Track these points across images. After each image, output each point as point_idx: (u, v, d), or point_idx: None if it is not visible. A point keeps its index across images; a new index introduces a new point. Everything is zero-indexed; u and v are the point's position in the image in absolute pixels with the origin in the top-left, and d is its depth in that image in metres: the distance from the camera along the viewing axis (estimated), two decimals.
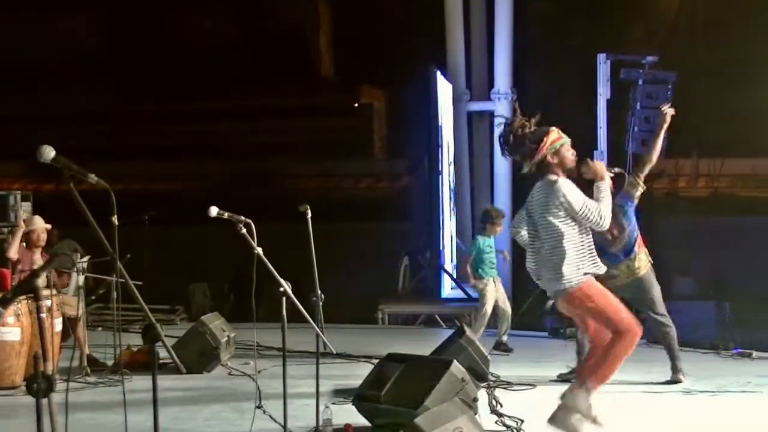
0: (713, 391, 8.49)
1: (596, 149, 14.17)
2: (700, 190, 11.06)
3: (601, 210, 6.28)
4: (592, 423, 6.30)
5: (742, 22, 37.93)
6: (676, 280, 19.94)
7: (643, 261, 8.72)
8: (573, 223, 6.27)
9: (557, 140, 6.44)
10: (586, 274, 6.27)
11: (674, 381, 8.75)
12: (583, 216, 6.23)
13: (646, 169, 8.81)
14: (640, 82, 13.50)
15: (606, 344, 6.35)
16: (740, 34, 38.63)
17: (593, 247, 6.40)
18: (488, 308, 10.94)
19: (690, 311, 12.17)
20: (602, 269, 6.39)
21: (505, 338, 10.97)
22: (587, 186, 6.56)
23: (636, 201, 8.77)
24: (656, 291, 8.83)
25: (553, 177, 6.35)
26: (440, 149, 16.16)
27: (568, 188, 6.28)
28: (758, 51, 36.97)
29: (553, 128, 6.53)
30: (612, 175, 6.72)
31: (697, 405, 8.11)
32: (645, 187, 8.82)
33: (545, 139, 6.41)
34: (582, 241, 6.31)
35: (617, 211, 8.49)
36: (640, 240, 8.75)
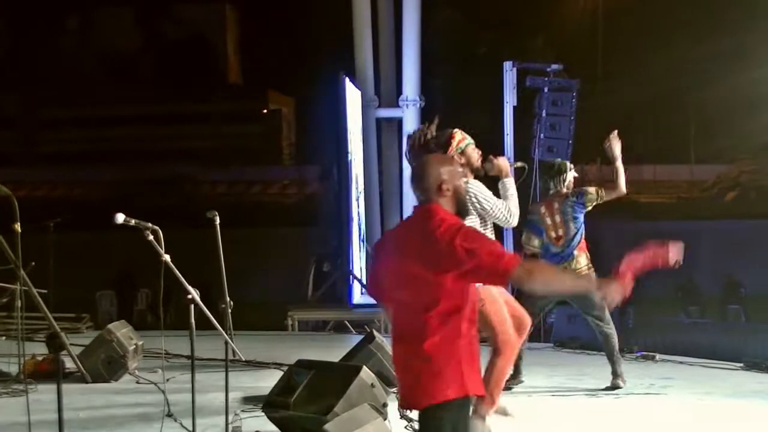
0: (617, 394, 8.63)
1: (503, 156, 14.32)
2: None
3: (509, 207, 6.34)
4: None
5: (642, 32, 38.68)
6: None
7: (582, 264, 8.78)
8: (479, 222, 6.32)
9: (462, 141, 6.52)
10: None
11: (614, 387, 8.71)
12: (492, 214, 6.29)
13: (613, 195, 8.90)
14: (546, 89, 13.70)
15: (488, 366, 6.33)
16: (640, 44, 39.38)
17: None
18: None
19: None
20: None
21: None
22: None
23: (587, 209, 8.85)
24: (596, 295, 8.84)
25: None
26: (349, 155, 16.19)
27: (477, 188, 6.34)
28: (658, 61, 37.72)
29: (456, 130, 6.59)
30: (517, 166, 6.81)
31: (602, 407, 8.24)
32: (600, 202, 8.90)
33: (451, 141, 6.47)
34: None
35: (568, 213, 8.71)
36: (582, 244, 8.84)
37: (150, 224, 6.20)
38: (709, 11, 35.19)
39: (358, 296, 16.45)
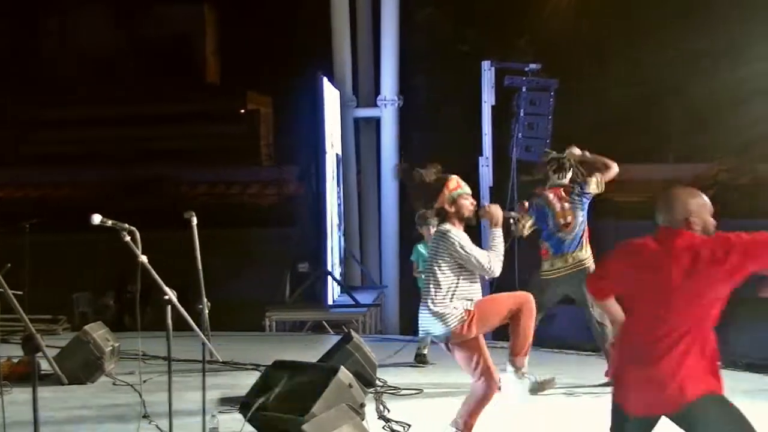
0: (597, 393, 8.64)
1: (481, 155, 14.34)
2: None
3: (491, 257, 6.34)
4: None
5: (621, 32, 38.81)
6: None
7: (587, 253, 8.87)
8: (460, 270, 6.34)
9: (455, 189, 6.50)
10: (464, 309, 6.34)
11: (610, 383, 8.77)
12: (470, 262, 6.30)
13: (609, 175, 8.98)
14: (524, 89, 13.72)
15: (512, 330, 6.73)
16: (619, 44, 39.53)
17: (476, 293, 6.48)
18: None
19: (571, 314, 12.36)
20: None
21: (425, 350, 10.64)
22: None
23: (591, 197, 8.94)
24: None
25: (445, 226, 6.43)
26: (327, 155, 16.17)
27: (458, 237, 6.35)
28: (637, 60, 37.89)
29: (453, 176, 6.59)
30: (510, 215, 6.84)
31: (581, 406, 8.25)
32: (602, 190, 8.98)
33: (444, 189, 6.48)
34: (468, 287, 6.39)
35: (576, 201, 8.85)
36: (587, 233, 8.92)
37: (127, 225, 6.17)
38: (687, 12, 35.36)
39: (336, 296, 16.44)
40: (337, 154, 17.43)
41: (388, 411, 7.89)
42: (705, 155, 43.36)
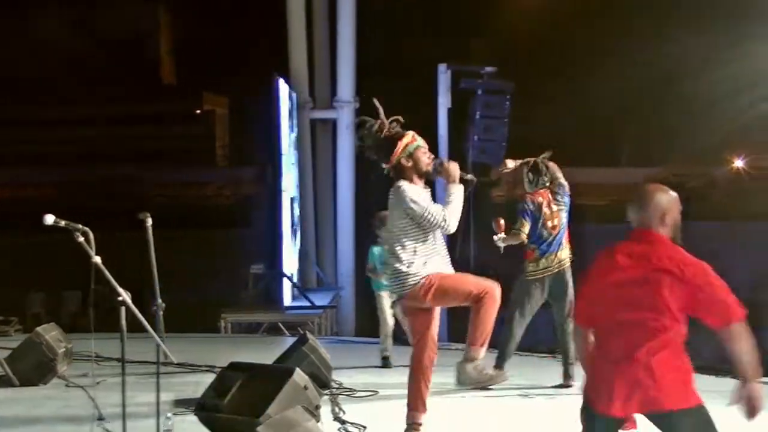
0: (551, 394, 8.68)
1: (437, 157, 14.37)
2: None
3: (446, 213, 6.30)
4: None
5: (575, 37, 39.09)
6: (512, 286, 20.39)
7: (568, 252, 9.00)
8: (418, 228, 6.30)
9: (411, 143, 6.44)
10: (427, 274, 6.32)
11: (566, 386, 8.88)
12: (425, 220, 6.25)
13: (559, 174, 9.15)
14: (480, 92, 13.76)
15: (472, 315, 6.54)
16: (573, 48, 39.81)
17: (440, 251, 6.45)
18: (382, 321, 10.55)
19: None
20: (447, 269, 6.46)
21: (388, 352, 10.59)
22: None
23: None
24: (572, 288, 9.01)
25: (400, 182, 6.38)
26: (283, 157, 16.14)
27: (411, 192, 6.30)
28: (591, 65, 38.17)
29: (409, 132, 6.54)
30: (467, 178, 6.75)
31: (535, 407, 8.29)
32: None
33: (399, 142, 6.42)
34: (428, 245, 6.35)
35: (560, 202, 9.00)
36: (567, 234, 9.04)
37: (80, 226, 6.12)
38: (644, 22, 35.69)
39: (292, 298, 16.41)
40: (293, 156, 17.40)
41: (344, 413, 7.88)
42: (657, 159, 43.84)
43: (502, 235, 9.08)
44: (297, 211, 17.69)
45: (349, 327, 18.30)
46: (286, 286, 16.04)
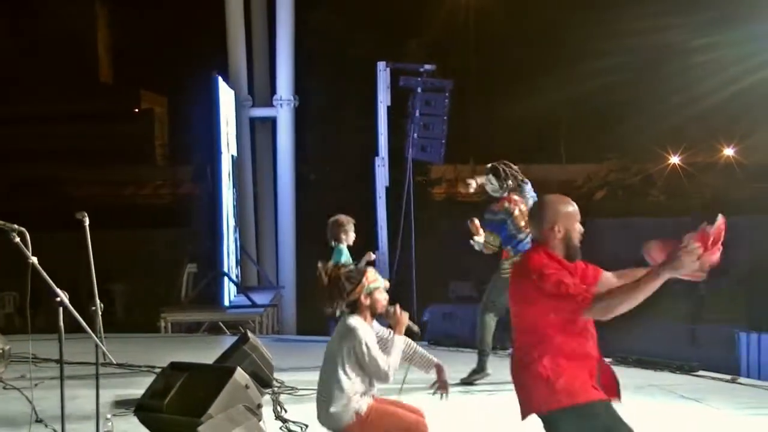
0: (491, 390, 8.75)
1: (377, 155, 14.38)
2: (473, 195, 11.24)
3: (388, 363, 6.19)
4: None
5: (513, 34, 39.30)
6: (454, 284, 20.48)
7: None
8: (354, 369, 6.18)
9: (373, 282, 6.35)
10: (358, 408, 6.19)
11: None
12: (368, 365, 6.13)
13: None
14: (419, 89, 13.80)
15: None
16: (512, 46, 40.04)
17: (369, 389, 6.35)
18: None
19: (469, 313, 12.49)
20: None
21: None
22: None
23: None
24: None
25: (353, 320, 6.24)
26: (222, 155, 16.07)
27: (364, 335, 6.20)
28: (529, 62, 38.42)
29: (371, 269, 6.45)
30: (413, 330, 6.69)
31: (476, 403, 8.34)
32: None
33: (363, 279, 6.31)
34: (362, 388, 6.23)
35: (530, 200, 9.21)
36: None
37: (16, 226, 6.06)
38: (588, 15, 35.98)
39: (232, 297, 16.35)
40: (232, 155, 17.34)
41: (286, 411, 7.89)
42: (595, 156, 44.22)
43: (480, 238, 9.21)
44: (237, 210, 17.61)
45: (290, 326, 18.28)
46: (227, 285, 15.98)
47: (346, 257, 10.28)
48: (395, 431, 6.23)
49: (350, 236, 10.27)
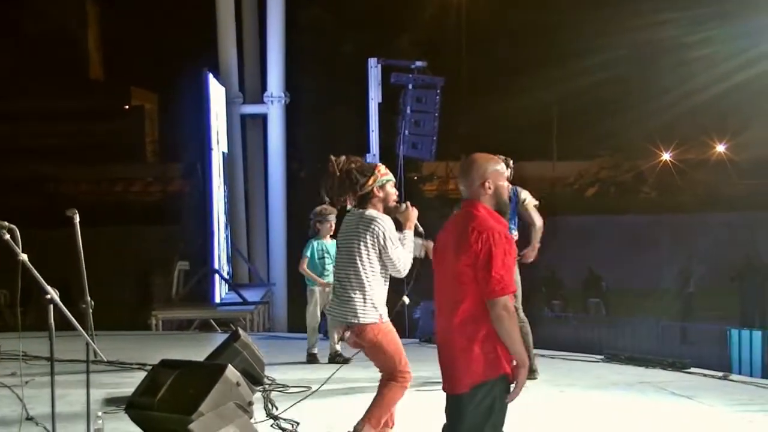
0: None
1: (369, 152, 14.35)
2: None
3: (405, 258, 6.27)
4: None
5: (505, 31, 39.32)
6: None
7: None
8: (378, 261, 6.23)
9: (385, 175, 6.41)
10: (384, 313, 6.24)
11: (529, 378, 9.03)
12: (388, 258, 6.18)
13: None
14: (410, 86, 13.76)
15: (379, 388, 6.35)
16: (503, 43, 40.02)
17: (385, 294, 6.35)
18: (309, 314, 10.54)
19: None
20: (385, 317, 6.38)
21: (315, 350, 10.57)
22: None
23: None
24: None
25: (373, 211, 6.29)
26: (213, 152, 16.03)
27: (389, 226, 6.24)
28: (521, 59, 38.42)
29: (382, 165, 6.51)
30: (420, 230, 6.73)
31: (437, 399, 8.32)
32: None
33: (375, 171, 6.36)
34: (382, 282, 6.28)
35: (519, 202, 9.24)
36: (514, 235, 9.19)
37: (6, 223, 6.02)
38: (578, 13, 36.00)
39: (223, 295, 16.32)
40: (223, 152, 17.30)
41: (277, 409, 7.87)
42: (587, 153, 44.30)
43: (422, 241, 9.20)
44: (228, 207, 17.58)
45: (281, 323, 18.26)
46: (218, 282, 15.95)
47: (311, 251, 10.32)
48: (392, 350, 6.29)
49: (326, 227, 10.36)
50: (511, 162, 9.45)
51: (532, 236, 9.31)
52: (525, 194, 9.34)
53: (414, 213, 6.44)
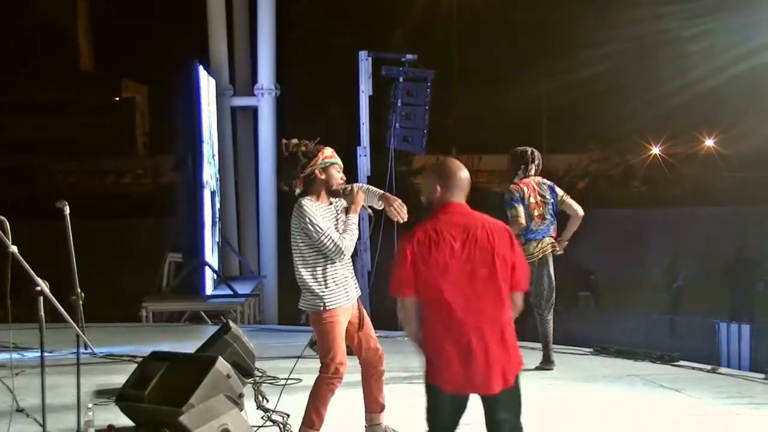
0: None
1: (359, 145, 14.34)
2: None
3: (343, 241, 6.26)
4: None
5: (496, 24, 39.31)
6: None
7: (545, 244, 9.33)
8: (310, 248, 6.25)
9: (329, 158, 6.44)
10: (328, 302, 6.26)
11: (544, 369, 9.31)
12: (320, 243, 6.20)
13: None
14: (401, 79, 13.74)
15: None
16: (494, 36, 40.03)
17: (343, 276, 6.34)
18: None
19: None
20: (349, 301, 6.38)
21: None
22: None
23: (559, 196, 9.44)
24: (545, 280, 9.39)
25: (304, 199, 6.30)
26: (204, 144, 16.01)
27: (311, 212, 6.27)
28: (512, 52, 38.44)
29: (328, 147, 6.53)
30: (368, 212, 6.78)
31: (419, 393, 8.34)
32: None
33: (318, 154, 6.41)
34: (323, 267, 6.29)
35: (546, 195, 9.31)
36: (552, 230, 9.42)
37: None
38: (563, 6, 36.03)
39: (214, 287, 16.30)
40: (213, 144, 17.28)
41: (267, 401, 7.88)
42: (577, 146, 44.35)
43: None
44: (218, 199, 17.56)
45: (272, 315, 18.24)
46: (209, 274, 15.93)
47: None
48: (326, 342, 6.30)
49: None
50: (538, 154, 9.51)
51: (572, 226, 9.50)
52: (559, 190, 9.51)
53: (360, 197, 6.46)
